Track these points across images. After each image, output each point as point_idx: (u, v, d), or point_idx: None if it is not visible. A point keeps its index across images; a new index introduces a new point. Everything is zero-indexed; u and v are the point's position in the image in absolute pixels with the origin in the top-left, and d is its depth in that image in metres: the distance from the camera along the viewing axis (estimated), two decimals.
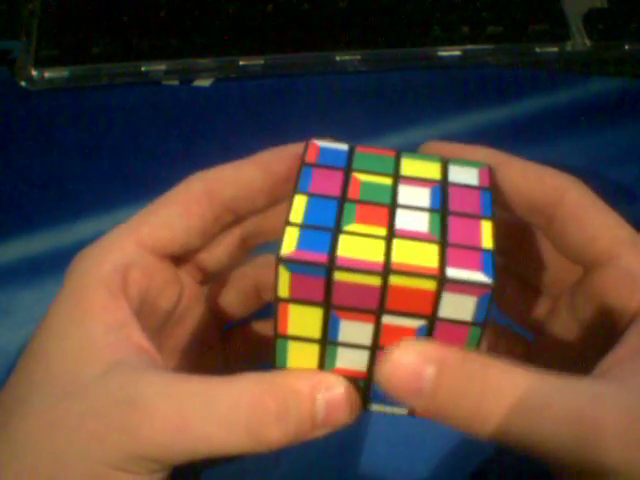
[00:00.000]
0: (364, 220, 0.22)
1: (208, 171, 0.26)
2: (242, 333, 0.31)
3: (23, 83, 0.47)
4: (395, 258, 0.21)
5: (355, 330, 0.22)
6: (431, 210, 0.22)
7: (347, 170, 0.23)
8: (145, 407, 0.21)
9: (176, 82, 0.48)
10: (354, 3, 0.49)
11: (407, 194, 0.23)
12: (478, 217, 0.22)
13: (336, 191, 0.23)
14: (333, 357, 0.23)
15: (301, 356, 0.23)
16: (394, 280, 0.21)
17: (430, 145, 0.26)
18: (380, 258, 0.21)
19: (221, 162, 0.26)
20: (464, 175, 0.24)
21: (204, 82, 0.48)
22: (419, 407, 0.21)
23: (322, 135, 0.26)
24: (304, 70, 0.47)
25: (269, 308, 0.30)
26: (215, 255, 0.28)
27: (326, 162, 0.24)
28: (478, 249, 0.21)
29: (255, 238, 0.29)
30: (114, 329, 0.23)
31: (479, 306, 0.21)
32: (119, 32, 0.48)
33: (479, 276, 0.20)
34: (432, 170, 0.24)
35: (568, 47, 0.48)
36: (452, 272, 0.20)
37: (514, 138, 0.44)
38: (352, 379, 0.23)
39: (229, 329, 0.31)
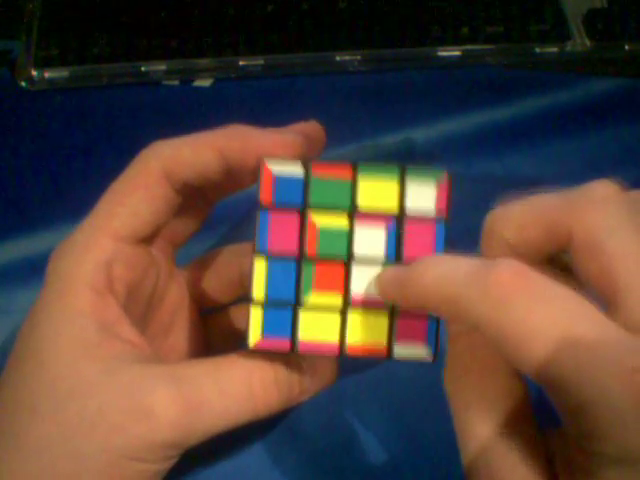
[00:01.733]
0: (322, 287, 0.24)
1: (162, 146, 0.26)
2: (223, 316, 0.31)
3: (23, 83, 0.47)
4: (349, 339, 0.24)
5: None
6: (386, 262, 0.24)
7: (303, 209, 0.25)
8: (161, 395, 0.22)
9: (176, 82, 0.48)
10: (354, 3, 0.49)
11: (363, 239, 0.24)
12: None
13: (293, 245, 0.24)
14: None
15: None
16: (350, 350, 0.24)
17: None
18: (336, 339, 0.24)
19: None
20: (422, 197, 0.24)
21: (204, 82, 0.48)
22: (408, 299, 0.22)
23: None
24: (304, 70, 0.47)
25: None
26: (186, 225, 0.29)
27: (282, 199, 0.25)
28: (424, 317, 0.24)
29: (216, 194, 0.29)
30: (105, 328, 0.23)
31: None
32: (119, 32, 0.48)
33: (422, 350, 0.24)
34: (389, 194, 0.25)
35: (568, 47, 0.48)
36: (398, 350, 0.24)
37: (514, 138, 0.44)
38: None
39: (210, 313, 0.31)
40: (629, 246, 0.21)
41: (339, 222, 0.24)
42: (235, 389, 0.23)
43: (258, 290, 0.24)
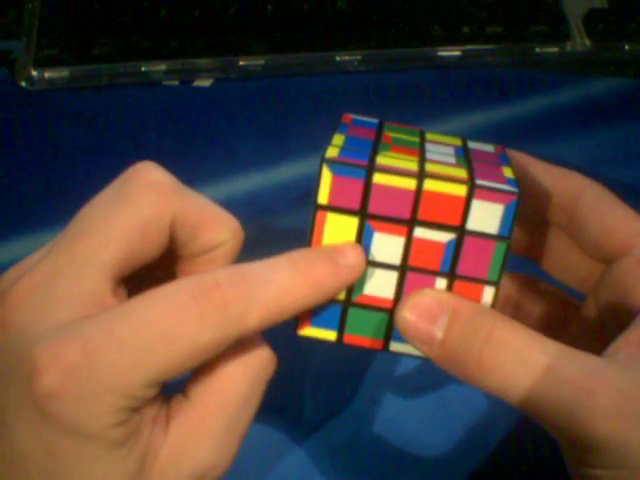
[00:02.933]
0: (398, 151, 0.24)
1: (159, 191, 0.24)
2: None
3: (23, 83, 0.47)
4: (429, 168, 0.23)
5: (387, 245, 0.23)
6: (457, 155, 0.24)
7: (379, 130, 0.26)
8: (116, 337, 0.20)
9: (176, 82, 0.48)
10: (354, 3, 0.49)
11: (434, 148, 0.25)
12: (499, 164, 0.24)
13: (371, 137, 0.25)
14: (362, 280, 0.24)
15: None
16: (428, 185, 0.22)
17: None
18: (415, 167, 0.23)
19: (221, 162, 0.26)
20: (483, 147, 0.26)
21: (204, 82, 0.48)
22: (430, 354, 0.22)
23: (322, 135, 0.26)
24: (304, 70, 0.47)
25: None
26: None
27: (360, 124, 0.26)
28: (502, 175, 0.23)
29: None
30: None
31: (505, 217, 0.22)
32: (119, 32, 0.48)
33: (505, 186, 0.22)
34: (453, 140, 0.26)
35: (568, 47, 0.48)
36: (481, 181, 0.22)
37: (514, 138, 0.44)
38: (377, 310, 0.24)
39: None
40: None
41: (412, 138, 0.25)
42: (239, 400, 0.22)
43: (337, 140, 0.24)
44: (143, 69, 0.47)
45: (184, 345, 0.20)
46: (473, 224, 0.23)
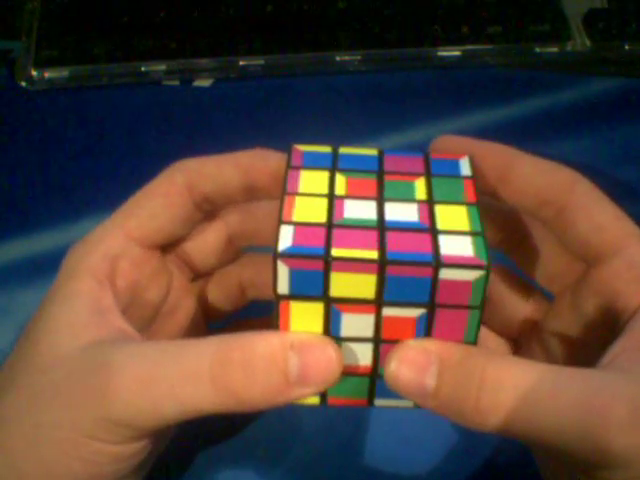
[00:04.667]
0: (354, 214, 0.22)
1: (189, 162, 0.27)
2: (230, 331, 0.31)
3: (23, 83, 0.47)
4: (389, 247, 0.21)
5: (357, 323, 0.22)
6: (418, 209, 0.23)
7: (332, 170, 0.24)
8: (115, 368, 0.21)
9: (176, 82, 0.48)
10: (354, 3, 0.49)
11: (394, 195, 0.24)
12: (469, 209, 0.23)
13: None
14: None
15: None
16: (391, 270, 0.21)
17: (443, 140, 0.27)
18: (375, 254, 0.21)
19: None
20: (447, 169, 0.25)
21: (204, 82, 0.48)
22: (425, 406, 0.22)
23: (322, 135, 0.26)
24: (304, 70, 0.47)
25: (253, 306, 0.31)
26: (203, 253, 0.29)
27: (311, 160, 0.25)
28: (469, 233, 0.22)
29: (240, 240, 0.29)
30: (98, 312, 0.24)
31: (476, 289, 0.21)
32: (119, 32, 0.48)
33: (473, 260, 0.21)
34: (415, 171, 0.25)
35: (568, 47, 0.48)
36: (447, 259, 0.21)
37: (514, 138, 0.44)
38: (356, 376, 0.23)
39: (216, 328, 0.31)
40: None
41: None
42: (184, 367, 0.21)
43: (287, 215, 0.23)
44: (143, 69, 0.47)
45: (140, 200, 0.26)
46: (443, 299, 0.22)
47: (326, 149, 0.26)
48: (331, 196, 0.23)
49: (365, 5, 0.49)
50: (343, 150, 0.26)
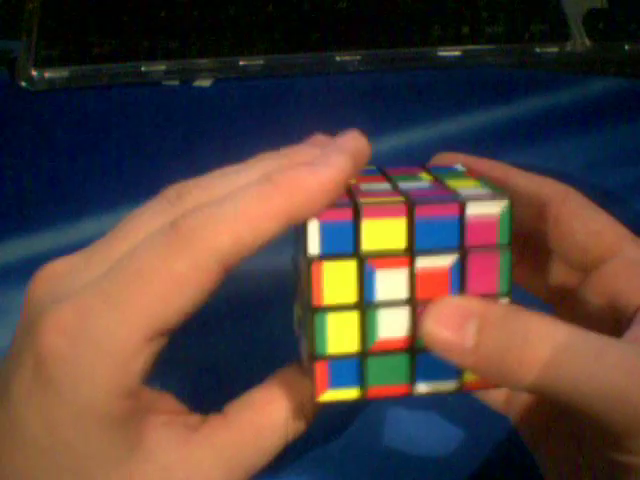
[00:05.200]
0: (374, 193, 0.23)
1: (219, 236, 0.21)
2: None
3: (23, 83, 0.47)
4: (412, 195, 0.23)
5: (391, 282, 0.22)
6: (432, 181, 0.25)
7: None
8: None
9: (176, 82, 0.48)
10: (354, 3, 0.49)
11: (405, 184, 0.24)
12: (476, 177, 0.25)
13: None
14: (374, 325, 0.23)
15: (341, 332, 0.23)
16: (419, 211, 0.22)
17: (442, 156, 0.28)
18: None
19: (221, 162, 0.26)
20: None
21: (204, 82, 0.48)
22: (464, 363, 0.22)
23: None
24: (304, 70, 0.47)
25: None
26: None
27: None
28: (484, 186, 0.24)
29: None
30: (138, 419, 0.22)
31: (502, 224, 0.22)
32: (119, 32, 0.48)
33: (494, 194, 0.22)
34: (421, 174, 0.26)
35: (568, 47, 0.48)
36: (471, 194, 0.22)
37: (514, 138, 0.44)
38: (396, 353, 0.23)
39: None
40: None
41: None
42: (272, 436, 0.23)
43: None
44: (143, 69, 0.47)
45: (161, 279, 0.20)
46: (473, 240, 0.22)
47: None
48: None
49: (365, 5, 0.49)
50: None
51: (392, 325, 0.23)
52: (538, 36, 0.48)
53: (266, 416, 0.23)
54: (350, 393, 0.23)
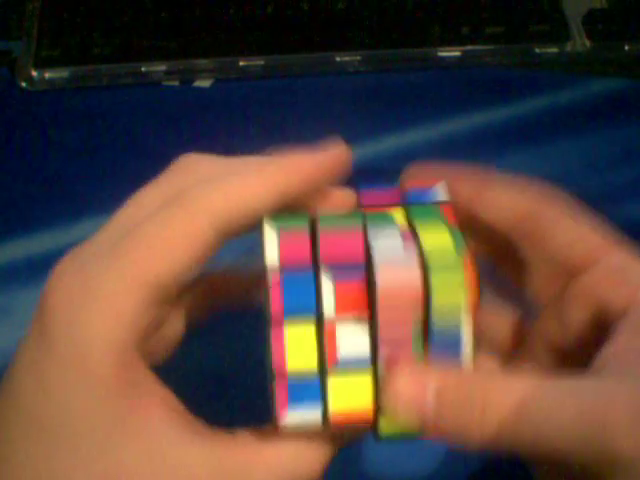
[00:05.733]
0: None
1: (213, 194, 0.22)
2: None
3: (23, 83, 0.47)
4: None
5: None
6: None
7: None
8: None
9: (176, 83, 0.48)
10: (354, 3, 0.49)
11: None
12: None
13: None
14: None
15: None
16: None
17: (415, 170, 0.26)
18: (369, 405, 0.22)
19: None
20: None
21: (204, 83, 0.48)
22: (427, 431, 0.22)
23: (322, 135, 0.26)
24: (304, 70, 0.47)
25: None
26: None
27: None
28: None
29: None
30: (136, 396, 0.22)
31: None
32: (119, 32, 0.48)
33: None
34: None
35: (568, 47, 0.48)
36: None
37: (514, 138, 0.44)
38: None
39: None
40: None
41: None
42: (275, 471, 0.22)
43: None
44: (143, 69, 0.47)
45: (157, 239, 0.22)
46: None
47: (302, 223, 0.23)
48: (320, 324, 0.22)
49: (365, 5, 0.49)
50: (322, 223, 0.23)
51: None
52: (538, 36, 0.48)
53: (275, 452, 0.22)
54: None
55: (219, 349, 0.35)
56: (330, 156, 0.24)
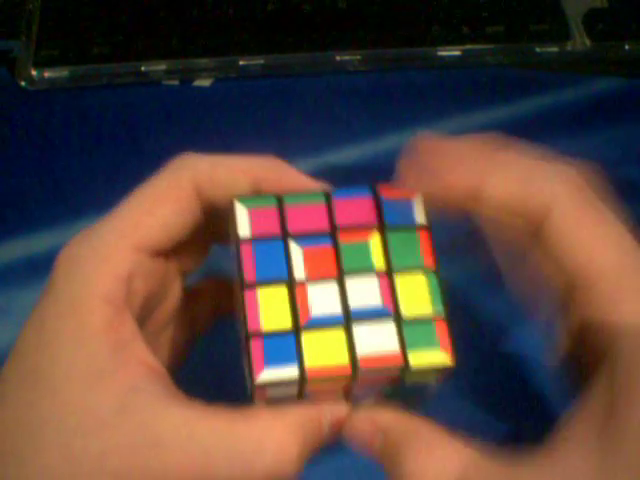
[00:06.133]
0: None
1: (197, 162, 0.26)
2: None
3: (23, 83, 0.47)
4: (359, 352, 0.23)
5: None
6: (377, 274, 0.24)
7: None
8: (167, 449, 0.21)
9: (176, 82, 0.48)
10: (354, 3, 0.49)
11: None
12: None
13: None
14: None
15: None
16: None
17: (419, 141, 0.26)
18: (345, 359, 0.23)
19: None
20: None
21: (204, 82, 0.48)
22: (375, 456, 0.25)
23: (322, 135, 0.26)
24: (304, 70, 0.47)
25: None
26: (200, 251, 0.28)
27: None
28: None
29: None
30: (120, 348, 0.22)
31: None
32: (119, 32, 0.48)
33: (440, 355, 0.23)
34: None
35: (568, 47, 0.48)
36: (414, 357, 0.23)
37: (514, 138, 0.44)
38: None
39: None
40: None
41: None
42: (245, 460, 0.22)
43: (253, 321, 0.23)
44: (143, 69, 0.47)
45: (147, 197, 0.25)
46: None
47: (270, 202, 0.25)
48: (291, 285, 0.24)
49: (365, 5, 0.49)
50: (288, 201, 0.25)
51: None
52: (538, 36, 0.48)
53: (248, 425, 0.23)
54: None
55: (219, 350, 0.35)
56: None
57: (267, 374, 0.22)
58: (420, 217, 0.25)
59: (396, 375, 0.23)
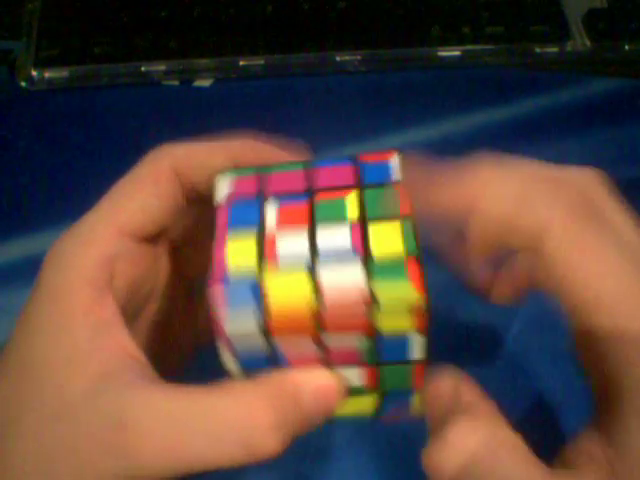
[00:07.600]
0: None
1: (175, 147, 0.26)
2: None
3: (23, 83, 0.47)
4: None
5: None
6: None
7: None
8: (136, 429, 0.21)
9: (176, 82, 0.48)
10: (354, 3, 0.49)
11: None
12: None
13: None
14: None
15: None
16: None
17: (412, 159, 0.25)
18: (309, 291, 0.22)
19: None
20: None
21: (204, 82, 0.48)
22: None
23: (322, 135, 0.26)
24: (304, 70, 0.47)
25: None
26: (187, 236, 0.28)
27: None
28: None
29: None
30: (99, 331, 0.22)
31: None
32: (119, 32, 0.48)
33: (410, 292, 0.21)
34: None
35: (568, 47, 0.48)
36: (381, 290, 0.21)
37: (514, 138, 0.44)
38: None
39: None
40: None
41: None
42: (214, 433, 0.21)
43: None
44: (143, 69, 0.47)
45: (128, 183, 0.26)
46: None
47: (251, 172, 0.25)
48: (261, 234, 0.23)
49: (365, 5, 0.49)
50: (269, 170, 0.25)
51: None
52: (538, 36, 0.48)
53: (223, 421, 0.22)
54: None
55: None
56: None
57: (231, 317, 0.22)
58: (397, 174, 0.24)
59: (367, 318, 0.22)
